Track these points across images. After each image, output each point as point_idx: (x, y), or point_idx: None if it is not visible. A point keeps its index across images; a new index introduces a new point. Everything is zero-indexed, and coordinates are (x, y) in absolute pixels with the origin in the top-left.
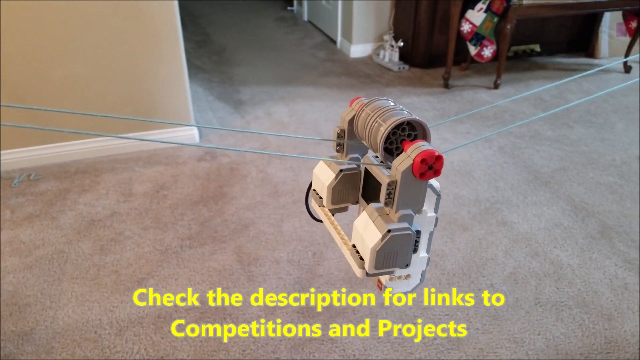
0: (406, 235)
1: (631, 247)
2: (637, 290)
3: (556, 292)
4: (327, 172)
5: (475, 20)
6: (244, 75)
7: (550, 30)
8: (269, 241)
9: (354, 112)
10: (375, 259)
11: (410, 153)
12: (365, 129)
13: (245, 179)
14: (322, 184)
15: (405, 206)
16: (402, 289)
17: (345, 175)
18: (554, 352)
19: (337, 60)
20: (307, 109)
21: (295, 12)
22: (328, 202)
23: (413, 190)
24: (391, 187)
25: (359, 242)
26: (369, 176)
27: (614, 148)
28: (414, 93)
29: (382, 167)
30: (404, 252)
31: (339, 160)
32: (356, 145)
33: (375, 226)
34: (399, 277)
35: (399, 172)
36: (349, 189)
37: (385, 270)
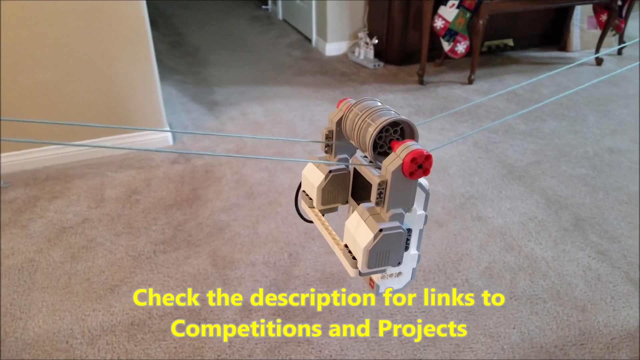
0: (398, 234)
1: (604, 239)
2: (610, 281)
3: (530, 285)
4: (316, 173)
5: (448, 16)
6: (218, 76)
7: (523, 24)
8: (244, 244)
9: (341, 113)
10: (368, 258)
11: (399, 153)
12: (354, 130)
13: (220, 181)
14: (312, 185)
15: (396, 205)
16: (394, 287)
17: (334, 176)
18: (529, 346)
19: (313, 58)
20: (282, 109)
21: (270, 11)
22: (318, 203)
23: (403, 190)
24: (382, 187)
25: (351, 242)
26: (358, 176)
27: (586, 140)
28: (389, 90)
29: (371, 167)
30: (396, 250)
31: (328, 162)
32: (344, 146)
33: (367, 226)
34: (390, 275)
35: (389, 172)
36: (339, 189)
37: (378, 269)
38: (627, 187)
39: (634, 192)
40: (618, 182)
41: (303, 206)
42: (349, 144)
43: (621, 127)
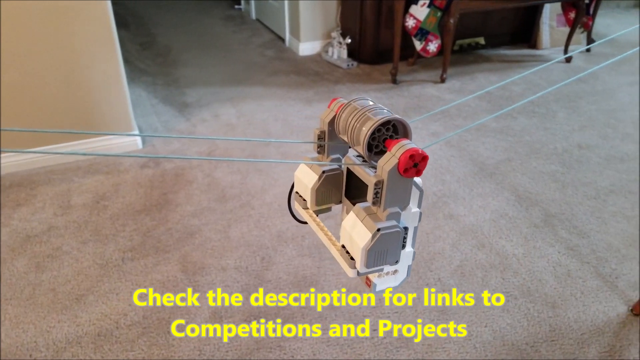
0: (395, 233)
1: (573, 234)
2: (579, 276)
3: (502, 282)
4: (309, 174)
5: (419, 15)
6: (190, 77)
7: (494, 23)
8: (215, 248)
9: (333, 113)
10: (367, 258)
11: (395, 152)
12: (348, 130)
13: (191, 184)
14: (305, 186)
15: (393, 204)
16: (390, 285)
17: (327, 176)
18: (501, 344)
19: (286, 58)
20: (255, 109)
21: (243, 10)
22: (312, 203)
23: (399, 189)
24: (378, 187)
25: (348, 242)
26: (351, 175)
27: (555, 137)
28: (363, 90)
29: (365, 166)
30: (394, 249)
31: (321, 162)
32: (336, 146)
33: (365, 226)
34: (387, 273)
35: (385, 171)
36: (332, 189)
37: (376, 269)
38: (595, 182)
39: (602, 187)
40: (587, 178)
41: (297, 207)
42: (341, 144)
43: (590, 123)
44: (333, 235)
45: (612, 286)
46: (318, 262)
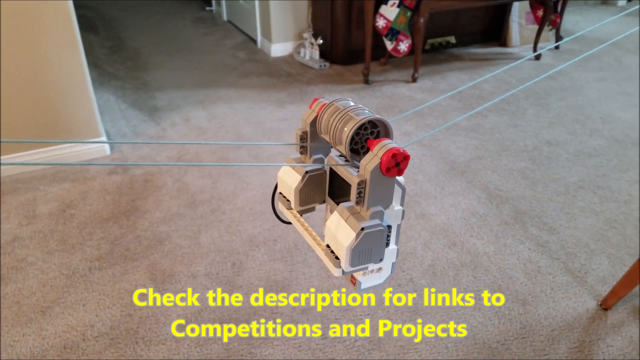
0: (379, 231)
1: (543, 231)
2: (549, 272)
3: (473, 281)
4: (292, 174)
5: (389, 15)
6: (160, 80)
7: (464, 21)
8: (185, 255)
9: (314, 113)
10: (351, 257)
11: (377, 152)
12: (330, 130)
13: (160, 190)
14: (289, 186)
15: (376, 203)
16: (375, 282)
17: (311, 176)
18: (472, 342)
19: (258, 60)
20: (227, 112)
21: (214, 12)
22: (296, 204)
23: (382, 188)
24: (361, 186)
25: (333, 242)
26: (334, 175)
27: (525, 134)
28: (335, 90)
29: (348, 166)
30: (378, 247)
31: (304, 164)
32: (319, 146)
33: (349, 225)
34: (371, 271)
35: (367, 171)
36: (316, 189)
37: (361, 267)
38: (564, 178)
39: (571, 182)
40: (556, 174)
41: (280, 208)
42: (324, 144)
43: (559, 119)
44: (317, 235)
45: (581, 281)
46: (290, 266)
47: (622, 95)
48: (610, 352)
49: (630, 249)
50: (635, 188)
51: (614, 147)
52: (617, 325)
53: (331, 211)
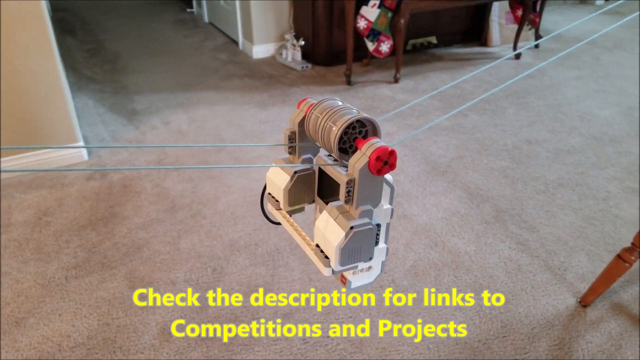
0: (368, 230)
1: (523, 229)
2: (529, 271)
3: (454, 280)
4: (281, 175)
5: (370, 16)
6: (139, 84)
7: (445, 22)
8: (164, 262)
9: (302, 113)
10: (341, 256)
11: (365, 151)
12: (318, 131)
13: (139, 195)
14: (278, 187)
15: (365, 202)
16: (365, 281)
17: (299, 176)
18: (454, 343)
19: (240, 62)
20: (208, 115)
21: (195, 13)
22: (285, 204)
23: (371, 186)
24: (350, 185)
25: (322, 242)
26: (323, 175)
27: (505, 133)
28: (318, 92)
29: (336, 166)
30: (367, 246)
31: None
32: (307, 146)
33: (338, 224)
34: (361, 270)
35: (356, 170)
36: (304, 189)
37: (350, 266)
38: (544, 176)
39: (550, 180)
40: (536, 172)
41: (270, 208)
42: (312, 144)
43: (538, 118)
44: (307, 235)
45: (561, 279)
46: (272, 270)
47: (599, 93)
48: (590, 348)
49: (608, 245)
50: (613, 185)
51: (592, 145)
52: (596, 322)
53: (320, 211)
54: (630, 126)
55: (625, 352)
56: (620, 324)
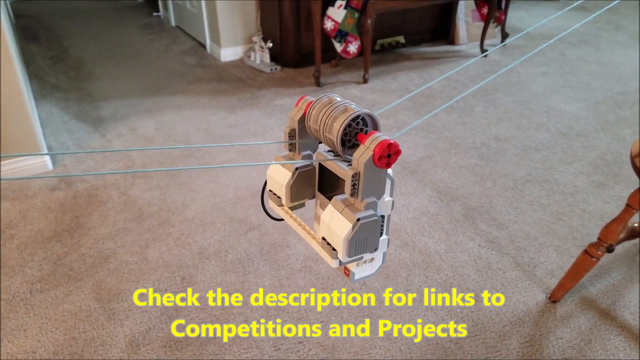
0: (374, 222)
1: (492, 226)
2: (499, 268)
3: (425, 280)
4: (282, 171)
5: (337, 17)
6: (105, 90)
7: (413, 21)
8: (132, 272)
9: (302, 111)
10: (348, 247)
11: (368, 145)
12: (319, 127)
13: (106, 204)
14: (280, 184)
15: (369, 194)
16: (368, 272)
17: (300, 173)
18: (425, 344)
19: (208, 65)
20: (175, 120)
21: (162, 17)
22: (287, 200)
23: (375, 179)
24: (355, 179)
25: (328, 234)
26: (323, 170)
27: (473, 131)
28: (287, 94)
29: (337, 161)
30: (373, 237)
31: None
32: (307, 143)
33: (344, 217)
34: (364, 262)
35: (361, 163)
36: (305, 185)
37: (357, 257)
38: (512, 173)
39: (518, 177)
40: (504, 169)
41: (271, 205)
42: (311, 141)
43: (506, 114)
44: (311, 229)
45: (530, 275)
46: (242, 277)
47: (565, 88)
48: (560, 344)
49: (576, 240)
50: (580, 180)
51: (559, 140)
52: (566, 318)
53: (321, 205)
54: (596, 120)
55: (594, 346)
56: (589, 319)
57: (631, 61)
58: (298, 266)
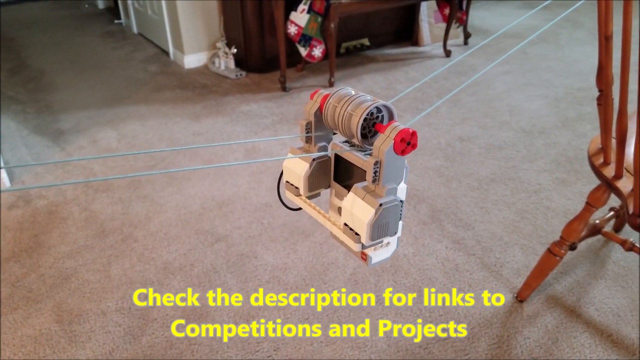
0: (395, 206)
1: (459, 227)
2: (466, 269)
3: (394, 285)
4: (299, 163)
5: (300, 21)
6: (65, 101)
7: (377, 23)
8: (94, 291)
9: (317, 104)
10: (371, 231)
11: (389, 133)
12: (337, 119)
13: (66, 221)
14: (298, 175)
15: (389, 181)
16: (384, 256)
17: (317, 163)
18: (395, 351)
19: (171, 72)
20: (138, 130)
21: (124, 25)
22: (305, 190)
23: (395, 166)
24: (377, 166)
25: (350, 220)
26: (339, 160)
27: (438, 131)
28: (253, 100)
29: (354, 151)
30: (394, 221)
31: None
32: (321, 135)
33: (366, 203)
34: (380, 246)
35: (382, 152)
36: (322, 175)
37: (378, 241)
38: (477, 172)
39: (483, 176)
40: (469, 169)
41: (289, 196)
42: (326, 132)
43: (470, 114)
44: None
45: (497, 275)
46: (208, 291)
47: (527, 86)
48: (528, 344)
49: (541, 238)
50: (544, 177)
51: (522, 138)
52: (532, 317)
53: (336, 194)
54: (557, 117)
55: (561, 344)
56: (555, 317)
57: (590, 57)
58: (266, 277)
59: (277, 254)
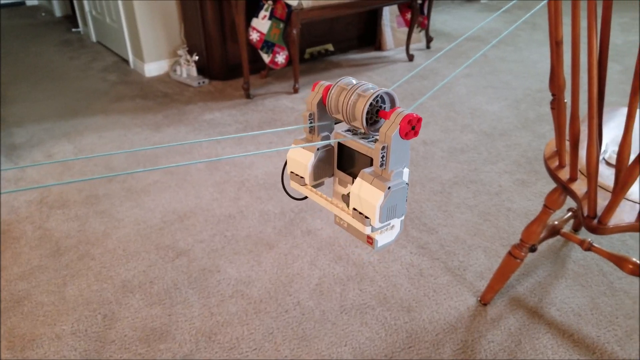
0: (402, 189)
1: (423, 232)
2: (431, 274)
3: (360, 294)
4: (303, 153)
5: (262, 28)
6: (18, 114)
7: (340, 28)
8: (48, 314)
9: (319, 95)
10: (381, 214)
11: (394, 119)
12: (341, 108)
13: (18, 241)
14: (303, 164)
15: (396, 165)
16: (389, 239)
17: (321, 152)
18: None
19: (131, 81)
20: (96, 143)
21: (82, 33)
22: (310, 179)
23: (401, 150)
24: (384, 151)
25: (359, 205)
26: (342, 149)
27: None
28: (216, 108)
29: (357, 139)
30: (401, 203)
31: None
32: (324, 125)
33: (374, 187)
34: (385, 230)
35: (388, 137)
36: (326, 164)
37: (386, 223)
38: (440, 176)
39: (446, 180)
40: (432, 173)
41: (293, 185)
42: (328, 123)
43: (432, 118)
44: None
45: (461, 279)
46: (169, 309)
47: (488, 88)
48: (491, 348)
49: (503, 239)
50: (504, 179)
51: (484, 141)
52: (496, 320)
53: (340, 182)
54: (517, 119)
55: (524, 346)
56: (518, 319)
57: (548, 59)
58: (229, 291)
59: (240, 267)
